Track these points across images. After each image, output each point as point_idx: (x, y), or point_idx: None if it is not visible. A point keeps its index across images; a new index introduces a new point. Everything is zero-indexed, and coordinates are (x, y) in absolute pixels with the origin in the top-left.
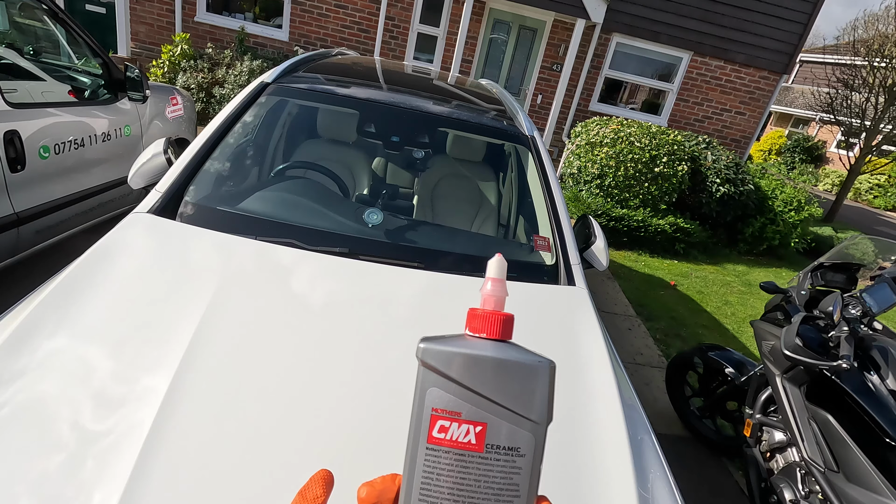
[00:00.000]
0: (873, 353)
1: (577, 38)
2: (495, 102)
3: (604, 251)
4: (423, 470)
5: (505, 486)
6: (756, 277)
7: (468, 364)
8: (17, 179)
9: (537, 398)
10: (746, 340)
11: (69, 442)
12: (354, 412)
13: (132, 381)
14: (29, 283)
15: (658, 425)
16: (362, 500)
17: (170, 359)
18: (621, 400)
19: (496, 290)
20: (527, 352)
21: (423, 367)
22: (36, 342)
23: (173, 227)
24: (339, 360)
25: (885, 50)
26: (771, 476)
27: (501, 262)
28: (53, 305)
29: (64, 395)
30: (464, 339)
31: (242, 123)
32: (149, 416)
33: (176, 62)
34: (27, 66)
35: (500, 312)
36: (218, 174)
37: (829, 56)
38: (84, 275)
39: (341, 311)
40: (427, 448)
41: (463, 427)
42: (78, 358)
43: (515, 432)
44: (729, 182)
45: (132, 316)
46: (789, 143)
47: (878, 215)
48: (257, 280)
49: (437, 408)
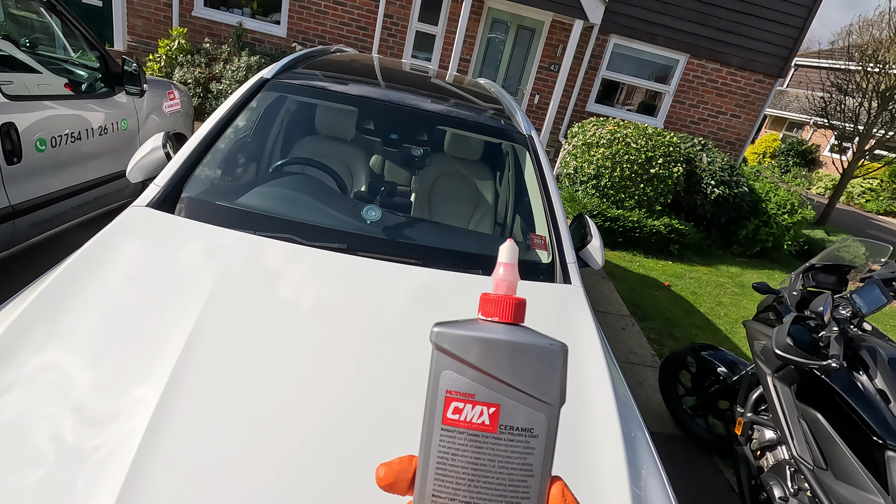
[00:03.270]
0: (862, 354)
1: (575, 38)
2: (493, 102)
3: (599, 251)
4: (438, 450)
5: (519, 465)
6: (749, 279)
7: (481, 347)
8: (13, 172)
9: (550, 380)
10: (739, 341)
11: (61, 449)
12: (353, 417)
13: (124, 388)
14: (25, 276)
15: (651, 424)
16: (381, 479)
17: (164, 363)
18: (616, 397)
19: (508, 274)
20: (539, 335)
21: (437, 351)
22: (29, 343)
23: (172, 221)
24: (337, 360)
25: (879, 55)
26: (761, 473)
27: (513, 247)
28: (49, 303)
29: (57, 401)
30: (477, 324)
31: (242, 119)
32: (141, 425)
33: (173, 56)
34: (23, 58)
35: (512, 296)
36: (217, 169)
37: (824, 60)
38: (81, 270)
39: (339, 308)
40: (442, 429)
41: (477, 408)
42: (71, 361)
43: (529, 414)
44: (723, 184)
45: (127, 317)
46: (783, 147)
47: (869, 219)
48: (255, 276)
49: (451, 390)
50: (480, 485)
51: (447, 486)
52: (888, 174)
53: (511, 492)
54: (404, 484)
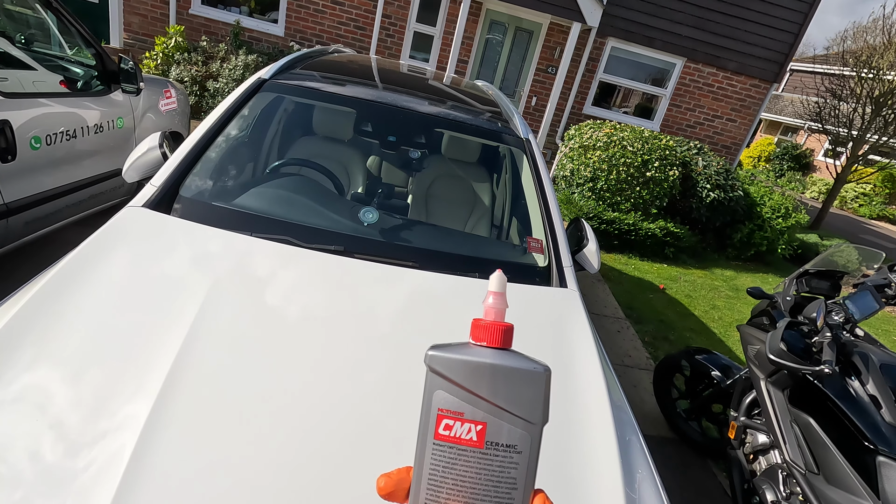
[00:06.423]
0: (854, 359)
1: (573, 41)
2: (491, 104)
3: (595, 254)
4: (430, 463)
5: (503, 479)
6: (743, 282)
7: (470, 370)
8: (7, 170)
9: (533, 401)
10: (733, 344)
11: (48, 468)
12: (350, 427)
13: (113, 404)
14: (18, 275)
15: (645, 426)
16: (381, 488)
17: (154, 376)
18: (610, 401)
19: (497, 302)
20: (525, 359)
21: (430, 372)
22: (16, 355)
23: (168, 221)
24: (333, 368)
25: (873, 61)
26: (754, 477)
27: (502, 277)
28: (39, 310)
29: (44, 417)
30: (467, 347)
31: (239, 119)
32: (130, 442)
33: (170, 54)
34: (18, 54)
35: (500, 323)
36: (214, 169)
37: (819, 66)
38: (73, 274)
39: (334, 313)
40: (434, 444)
41: (466, 426)
42: (59, 376)
43: (513, 431)
44: (719, 188)
45: (118, 326)
46: (778, 151)
47: (862, 223)
48: (251, 279)
49: (442, 408)
50: (469, 496)
51: (439, 497)
52: (881, 179)
53: (497, 503)
54: (402, 493)
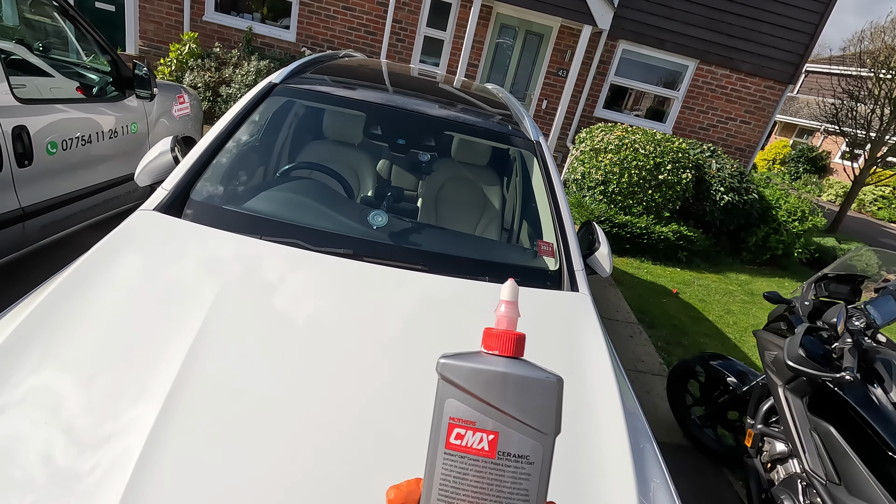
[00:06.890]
0: (877, 366)
1: (584, 44)
2: (501, 107)
3: (607, 258)
4: (441, 473)
5: (515, 490)
6: (759, 287)
7: (482, 379)
8: (24, 174)
9: (546, 411)
10: (748, 350)
11: (56, 471)
12: (363, 433)
13: (121, 407)
14: (32, 279)
15: (659, 433)
16: (391, 501)
17: (162, 380)
18: (623, 407)
19: (509, 311)
20: (537, 368)
21: (442, 381)
22: (25, 358)
23: (179, 225)
24: (344, 372)
25: (892, 62)
26: (772, 487)
27: (514, 287)
28: (49, 313)
29: (51, 420)
30: (479, 356)
31: (249, 123)
32: (137, 445)
33: (183, 61)
34: (36, 62)
35: (512, 332)
36: (224, 173)
37: (835, 67)
38: (84, 278)
39: (345, 317)
40: (445, 453)
41: (477, 435)
42: (67, 379)
43: (525, 441)
44: (733, 191)
45: (127, 329)
46: (793, 153)
47: (881, 227)
48: (261, 282)
49: (454, 417)
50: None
51: None
52: None
53: None
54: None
